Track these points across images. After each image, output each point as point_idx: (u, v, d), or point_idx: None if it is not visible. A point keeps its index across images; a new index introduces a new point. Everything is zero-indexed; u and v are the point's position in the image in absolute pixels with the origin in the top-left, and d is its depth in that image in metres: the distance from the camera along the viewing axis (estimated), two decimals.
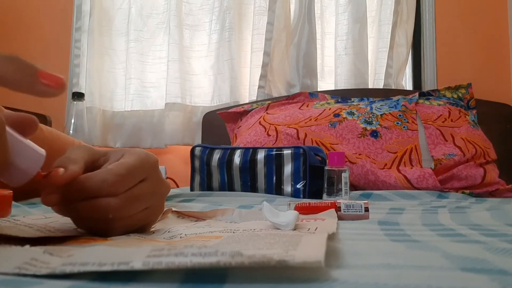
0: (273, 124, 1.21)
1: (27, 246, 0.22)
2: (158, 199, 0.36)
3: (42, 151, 0.29)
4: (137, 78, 1.73)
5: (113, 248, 0.21)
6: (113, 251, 0.21)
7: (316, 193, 0.83)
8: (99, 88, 1.74)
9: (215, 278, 0.19)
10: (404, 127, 1.14)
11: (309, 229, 0.33)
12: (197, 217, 0.44)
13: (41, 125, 0.60)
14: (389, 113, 1.19)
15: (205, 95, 1.70)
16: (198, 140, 1.68)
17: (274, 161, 0.88)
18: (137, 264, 0.18)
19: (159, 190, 0.36)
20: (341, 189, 0.75)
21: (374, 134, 1.12)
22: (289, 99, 1.43)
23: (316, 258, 0.19)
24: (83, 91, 1.73)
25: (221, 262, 0.18)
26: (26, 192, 0.55)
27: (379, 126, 1.14)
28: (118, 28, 1.77)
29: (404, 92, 1.42)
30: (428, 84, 1.55)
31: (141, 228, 0.35)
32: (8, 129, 0.26)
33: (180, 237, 0.32)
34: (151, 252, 0.20)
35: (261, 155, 0.89)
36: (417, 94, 1.33)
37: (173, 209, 0.45)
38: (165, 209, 0.43)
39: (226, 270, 0.20)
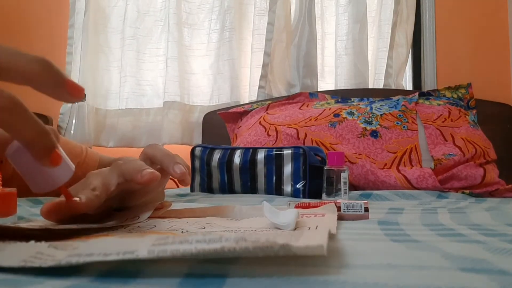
0: (273, 124, 1.21)
1: (32, 242, 0.22)
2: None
3: (73, 166, 0.30)
4: (133, 76, 1.70)
5: (118, 239, 0.22)
6: (118, 242, 0.21)
7: (316, 193, 0.83)
8: (92, 86, 1.71)
9: (216, 275, 0.19)
10: (404, 127, 1.14)
11: (309, 227, 0.33)
12: (198, 216, 0.44)
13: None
14: (389, 113, 1.19)
15: (204, 94, 1.69)
16: (196, 140, 1.66)
17: (274, 161, 0.88)
18: (142, 252, 0.18)
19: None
20: (340, 189, 0.75)
21: (374, 134, 1.12)
22: (289, 99, 1.43)
23: (319, 243, 0.19)
24: None
25: (225, 248, 0.18)
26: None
27: (379, 126, 1.14)
28: (114, 26, 1.76)
29: (404, 92, 1.42)
30: (428, 84, 1.55)
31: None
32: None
33: (182, 232, 0.33)
34: (156, 241, 0.20)
35: (261, 155, 0.89)
36: (417, 94, 1.33)
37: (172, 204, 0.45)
38: (163, 202, 0.43)
39: (228, 266, 0.20)
